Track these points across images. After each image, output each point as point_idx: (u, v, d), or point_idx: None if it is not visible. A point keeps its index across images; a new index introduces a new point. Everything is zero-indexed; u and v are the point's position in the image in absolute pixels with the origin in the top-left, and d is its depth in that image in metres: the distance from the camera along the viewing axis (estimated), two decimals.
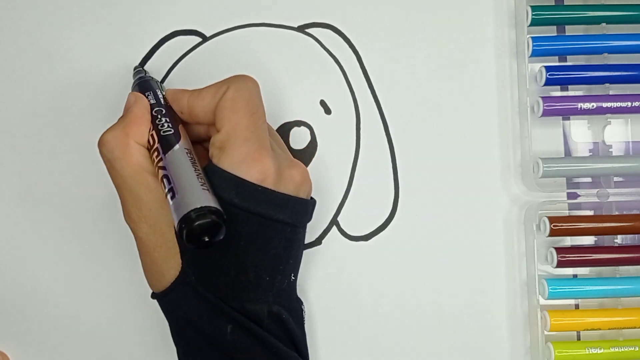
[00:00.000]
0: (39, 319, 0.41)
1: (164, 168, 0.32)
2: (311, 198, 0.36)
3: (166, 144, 0.33)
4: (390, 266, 0.41)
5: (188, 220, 0.29)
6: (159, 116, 0.34)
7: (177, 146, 0.33)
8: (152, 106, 0.35)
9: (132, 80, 0.39)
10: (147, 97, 0.36)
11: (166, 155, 0.32)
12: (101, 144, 0.33)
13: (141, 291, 0.41)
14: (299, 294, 0.37)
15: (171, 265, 0.33)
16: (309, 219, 0.36)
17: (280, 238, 0.33)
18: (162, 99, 0.36)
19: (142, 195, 0.33)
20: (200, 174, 0.32)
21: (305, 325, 0.37)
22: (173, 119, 0.35)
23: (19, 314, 0.41)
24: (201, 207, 0.29)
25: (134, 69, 0.40)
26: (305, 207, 0.35)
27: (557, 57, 0.42)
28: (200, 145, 0.37)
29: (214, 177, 0.32)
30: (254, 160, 0.32)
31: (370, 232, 0.42)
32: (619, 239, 0.41)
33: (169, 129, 0.34)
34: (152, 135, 0.34)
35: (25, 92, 0.42)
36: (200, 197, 0.30)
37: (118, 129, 0.34)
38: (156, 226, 0.33)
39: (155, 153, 0.33)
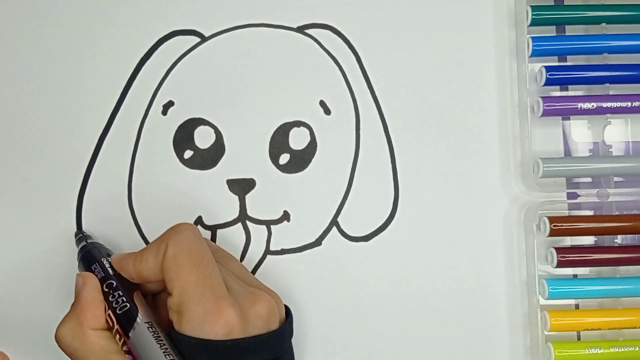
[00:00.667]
0: (39, 319, 0.41)
1: (129, 352, 0.32)
2: (287, 315, 0.35)
3: (126, 322, 0.32)
4: (390, 267, 0.41)
5: None
6: (111, 291, 0.34)
7: (137, 321, 0.32)
8: (101, 280, 0.34)
9: (75, 241, 0.39)
10: (94, 271, 0.35)
11: (129, 335, 0.32)
12: (58, 339, 0.33)
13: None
14: (299, 293, 0.37)
15: None
16: (289, 340, 0.35)
17: None
18: (109, 269, 0.35)
19: None
20: (167, 349, 0.31)
21: (306, 326, 0.37)
22: (126, 288, 0.34)
23: (19, 314, 0.41)
24: None
25: (75, 236, 0.40)
26: (281, 337, 0.33)
27: (557, 57, 0.42)
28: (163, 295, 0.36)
29: (180, 345, 0.31)
30: (214, 315, 0.31)
31: (371, 233, 0.42)
32: (619, 239, 0.41)
33: (124, 304, 0.33)
34: (109, 315, 0.33)
35: (25, 92, 0.42)
36: None
37: (71, 320, 0.33)
38: None
39: (117, 335, 0.33)
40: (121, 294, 0.33)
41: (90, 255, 0.36)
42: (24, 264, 0.41)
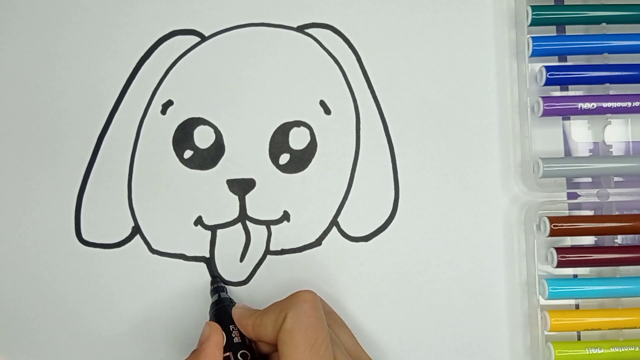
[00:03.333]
0: (39, 319, 0.41)
1: None
2: None
3: None
4: (390, 267, 0.41)
5: None
6: None
7: None
8: (236, 345, 0.35)
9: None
10: (230, 330, 0.36)
11: None
12: None
13: (142, 291, 0.41)
14: None
15: None
16: None
17: None
18: (247, 339, 0.36)
19: None
20: None
21: None
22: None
23: (19, 314, 0.41)
24: None
25: (211, 284, 0.40)
26: None
27: (557, 57, 0.42)
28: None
29: None
30: None
31: (371, 233, 0.42)
32: (619, 239, 0.41)
33: None
34: None
35: (24, 92, 0.41)
36: None
37: None
38: None
39: None
40: None
41: (227, 315, 0.37)
42: (23, 263, 0.41)
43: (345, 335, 0.38)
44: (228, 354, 0.35)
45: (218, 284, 0.40)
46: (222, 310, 0.37)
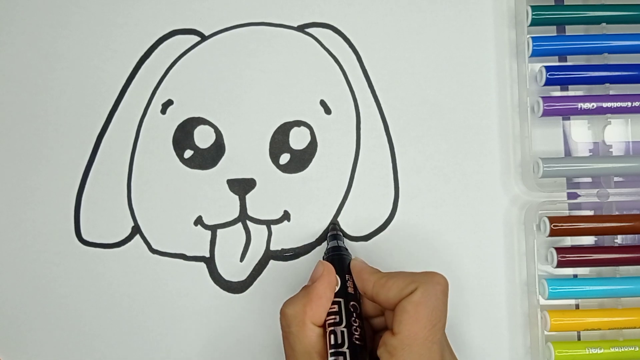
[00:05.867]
0: (39, 319, 0.40)
1: None
2: None
3: (352, 350, 0.32)
4: (390, 266, 0.41)
5: None
6: (355, 317, 0.34)
7: None
8: (348, 296, 0.35)
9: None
10: (346, 280, 0.35)
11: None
12: (282, 315, 0.34)
13: (142, 291, 0.41)
14: None
15: None
16: None
17: None
18: (352, 287, 0.35)
19: None
20: None
21: None
22: (360, 316, 0.34)
23: (19, 314, 0.40)
24: None
25: (331, 228, 0.40)
26: None
27: (557, 57, 0.42)
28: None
29: None
30: None
31: (370, 233, 0.42)
32: (619, 239, 0.41)
33: (360, 339, 0.33)
34: (341, 332, 0.33)
35: (24, 92, 0.41)
36: None
37: (299, 304, 0.34)
38: None
39: (331, 343, 0.33)
40: (361, 326, 0.34)
41: (344, 264, 0.36)
42: (23, 263, 0.41)
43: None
44: (340, 300, 0.34)
45: (337, 231, 0.40)
46: (339, 257, 0.37)
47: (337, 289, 0.35)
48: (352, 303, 0.34)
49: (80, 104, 0.41)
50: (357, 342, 0.32)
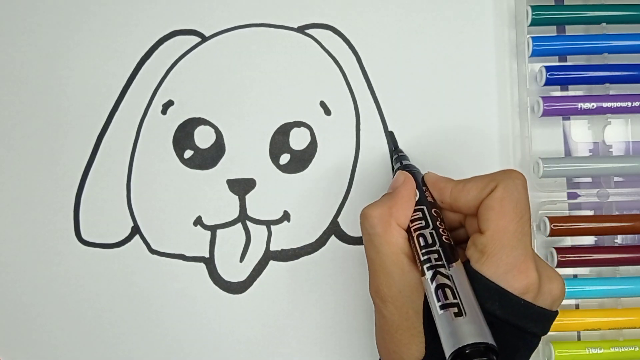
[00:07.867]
0: (39, 319, 0.41)
1: (447, 277, 0.31)
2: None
3: (445, 254, 0.32)
4: None
5: (463, 355, 0.28)
6: (439, 223, 0.33)
7: (453, 264, 0.31)
8: (429, 204, 0.34)
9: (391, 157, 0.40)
10: (423, 191, 0.35)
11: (449, 266, 0.31)
12: (364, 217, 0.33)
13: (142, 291, 0.41)
14: (299, 293, 0.37)
15: (412, 352, 0.31)
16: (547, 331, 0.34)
17: (526, 348, 0.32)
18: (430, 197, 0.35)
19: (396, 276, 0.32)
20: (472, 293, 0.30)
21: (306, 326, 0.37)
22: (443, 222, 0.34)
23: (19, 314, 0.41)
24: (480, 343, 0.28)
25: (397, 151, 0.40)
26: (553, 320, 0.33)
27: (557, 57, 0.42)
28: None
29: (475, 283, 0.31)
30: (520, 272, 0.31)
31: None
32: (619, 239, 0.41)
33: (448, 239, 0.32)
34: (430, 234, 0.32)
35: (24, 92, 0.41)
36: (484, 331, 0.28)
37: (384, 206, 0.33)
38: (403, 308, 0.32)
39: (417, 247, 0.32)
40: (448, 238, 0.33)
41: (418, 177, 0.36)
42: (23, 263, 0.41)
43: None
44: (422, 207, 0.34)
45: (400, 152, 0.40)
46: (412, 173, 0.36)
47: (417, 199, 0.34)
48: (434, 209, 0.34)
49: (81, 104, 0.42)
50: (447, 241, 0.32)
